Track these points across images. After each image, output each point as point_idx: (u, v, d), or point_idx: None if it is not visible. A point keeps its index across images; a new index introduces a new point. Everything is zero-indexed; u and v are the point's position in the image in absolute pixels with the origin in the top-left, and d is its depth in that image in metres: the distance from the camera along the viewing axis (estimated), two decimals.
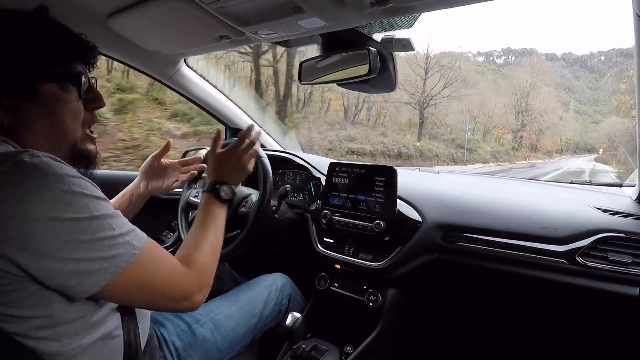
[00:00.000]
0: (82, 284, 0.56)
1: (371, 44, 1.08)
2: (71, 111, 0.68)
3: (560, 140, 52.01)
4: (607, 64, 55.81)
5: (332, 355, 1.17)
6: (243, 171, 0.98)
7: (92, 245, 0.56)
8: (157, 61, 1.45)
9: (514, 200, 1.20)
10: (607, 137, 38.46)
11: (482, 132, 35.63)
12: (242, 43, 1.19)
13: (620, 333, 1.11)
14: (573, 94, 51.21)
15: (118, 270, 0.58)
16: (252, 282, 1.22)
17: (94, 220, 0.57)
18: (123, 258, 0.59)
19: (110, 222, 0.59)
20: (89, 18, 1.10)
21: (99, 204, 0.59)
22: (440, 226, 1.18)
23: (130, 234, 0.62)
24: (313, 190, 1.56)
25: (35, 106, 0.64)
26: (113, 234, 0.59)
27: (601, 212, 1.07)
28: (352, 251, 1.27)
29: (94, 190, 0.60)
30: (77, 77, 0.68)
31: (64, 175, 0.56)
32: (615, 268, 0.94)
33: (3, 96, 0.61)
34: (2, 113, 0.61)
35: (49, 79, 0.65)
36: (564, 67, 57.89)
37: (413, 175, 1.56)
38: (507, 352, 1.42)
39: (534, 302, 1.16)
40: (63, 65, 0.66)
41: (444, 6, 0.86)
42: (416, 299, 1.30)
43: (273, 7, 0.90)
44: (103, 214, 0.59)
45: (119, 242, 0.59)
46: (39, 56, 0.63)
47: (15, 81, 0.62)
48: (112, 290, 0.59)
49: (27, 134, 0.64)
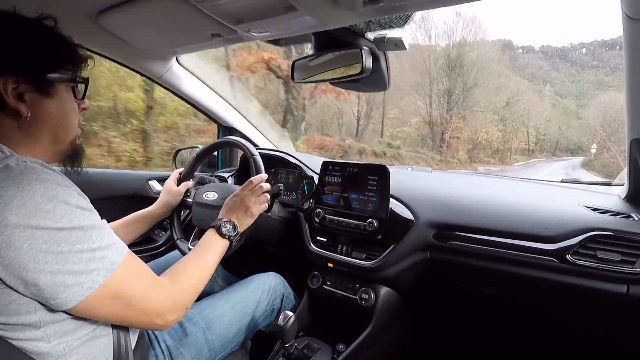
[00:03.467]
0: (56, 297, 0.55)
1: (364, 43, 1.08)
2: (74, 110, 0.74)
3: (527, 136, 33.94)
4: (589, 56, 48.62)
5: (324, 354, 1.17)
6: (250, 216, 1.03)
7: (69, 257, 0.56)
8: (148, 59, 1.44)
9: (505, 199, 1.21)
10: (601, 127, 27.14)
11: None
12: (235, 41, 1.19)
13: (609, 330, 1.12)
14: (552, 87, 43.86)
15: (95, 286, 0.58)
16: (244, 281, 1.22)
17: (74, 232, 0.57)
18: (100, 273, 0.59)
19: (90, 234, 0.59)
20: (78, 15, 1.09)
21: (82, 214, 0.59)
22: (433, 225, 1.19)
23: (110, 248, 0.62)
24: (306, 189, 1.56)
25: (52, 103, 0.69)
26: (92, 247, 0.58)
27: (591, 210, 1.08)
28: (345, 250, 1.27)
29: (78, 199, 0.60)
30: (86, 80, 0.75)
31: (49, 182, 0.56)
32: (604, 266, 0.96)
33: (26, 91, 0.65)
34: (25, 106, 0.64)
35: (63, 80, 0.70)
36: (542, 59, 50.34)
37: (406, 174, 1.56)
38: (499, 350, 1.44)
39: (525, 300, 1.18)
40: (72, 68, 0.72)
41: (436, 5, 0.87)
42: (408, 298, 1.31)
43: (265, 5, 0.90)
44: (84, 225, 0.58)
45: (98, 256, 0.59)
46: (55, 58, 0.69)
47: (40, 78, 0.66)
48: (87, 306, 0.58)
49: (39, 128, 0.68)
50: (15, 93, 0.63)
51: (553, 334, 1.23)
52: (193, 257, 0.84)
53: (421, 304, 1.41)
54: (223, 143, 1.39)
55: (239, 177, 1.72)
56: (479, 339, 1.47)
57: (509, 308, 1.24)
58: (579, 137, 35.93)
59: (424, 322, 1.50)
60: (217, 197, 1.22)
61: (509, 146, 31.49)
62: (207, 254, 0.88)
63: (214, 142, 1.36)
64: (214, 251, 0.90)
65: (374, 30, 1.08)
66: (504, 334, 1.39)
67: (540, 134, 36.81)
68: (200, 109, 1.77)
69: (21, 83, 0.63)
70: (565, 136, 37.97)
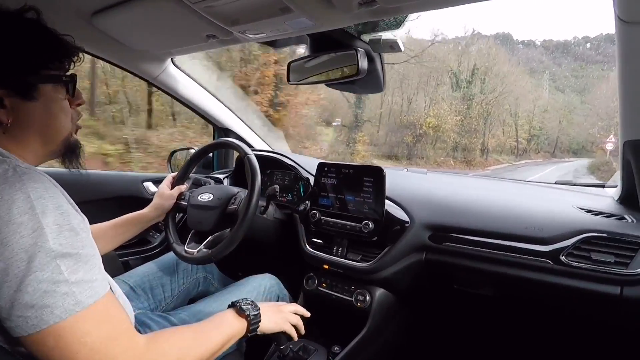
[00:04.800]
0: (3, 320, 0.49)
1: (359, 44, 1.08)
2: (64, 109, 0.70)
3: (516, 129, 25.80)
4: (594, 51, 44.17)
5: (320, 356, 1.17)
6: (279, 312, 0.93)
7: (23, 284, 0.48)
8: (143, 60, 1.43)
9: (500, 201, 1.22)
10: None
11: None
12: (230, 43, 1.19)
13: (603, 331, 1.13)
14: (554, 82, 37.73)
15: (41, 325, 0.49)
16: (240, 282, 1.21)
17: (39, 256, 0.49)
18: (55, 312, 0.49)
19: (60, 262, 0.51)
20: (72, 16, 1.08)
21: (58, 233, 0.52)
22: (428, 226, 1.19)
23: (81, 285, 0.52)
24: (302, 191, 1.55)
25: (35, 106, 0.65)
26: (56, 279, 0.50)
27: (584, 212, 1.09)
28: (341, 251, 1.27)
29: (60, 215, 0.54)
30: (72, 78, 0.70)
31: (33, 192, 0.52)
32: (598, 267, 0.96)
33: (6, 96, 0.62)
34: (4, 113, 0.62)
35: (47, 80, 0.66)
36: (543, 54, 45.87)
37: (401, 176, 1.56)
38: (494, 352, 1.44)
39: (520, 302, 1.18)
40: (57, 66, 0.68)
41: (431, 7, 0.87)
42: (404, 299, 1.31)
43: (261, 7, 0.90)
44: (55, 250, 0.51)
45: (60, 291, 0.50)
46: (37, 57, 0.64)
47: (18, 82, 0.62)
48: (33, 342, 0.50)
49: (25, 133, 0.65)
50: None
51: (547, 335, 1.23)
52: (193, 326, 0.74)
53: (417, 306, 1.41)
54: (218, 144, 1.39)
55: (235, 179, 1.71)
56: (474, 340, 1.47)
57: (504, 309, 1.25)
58: (583, 136, 28.58)
59: (420, 324, 1.50)
60: (213, 197, 1.21)
61: (482, 141, 22.47)
62: (213, 329, 0.74)
63: (209, 143, 1.35)
64: (223, 328, 0.76)
65: (369, 31, 1.08)
66: (499, 335, 1.40)
67: (535, 129, 27.96)
68: (195, 110, 1.77)
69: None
70: (567, 133, 29.39)
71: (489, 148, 23.43)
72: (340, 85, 1.20)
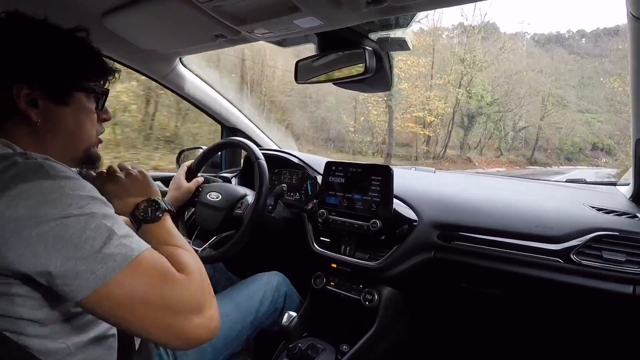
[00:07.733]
0: (69, 284, 0.52)
1: (367, 43, 1.08)
2: (91, 120, 0.74)
3: (497, 132, 21.90)
4: (590, 43, 38.75)
5: (328, 354, 1.17)
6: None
7: (80, 243, 0.52)
8: (152, 60, 1.44)
9: (509, 199, 1.21)
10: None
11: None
12: (238, 42, 1.19)
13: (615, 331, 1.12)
14: (549, 78, 29.11)
15: (110, 273, 0.52)
16: (247, 280, 1.22)
17: (84, 217, 0.54)
18: (117, 260, 0.53)
19: (104, 221, 0.55)
20: (83, 16, 1.09)
21: (92, 202, 0.56)
22: (436, 225, 1.19)
23: (128, 238, 0.57)
24: (309, 190, 1.56)
25: (66, 111, 0.69)
26: (106, 234, 0.54)
27: (596, 210, 1.08)
28: (349, 250, 1.27)
29: (89, 190, 0.58)
30: (105, 92, 0.75)
31: (57, 177, 0.55)
32: (610, 266, 0.95)
33: (40, 97, 0.65)
34: (36, 112, 0.64)
35: (82, 89, 0.71)
36: (533, 46, 38.24)
37: (409, 174, 1.56)
38: (503, 351, 1.43)
39: (530, 301, 1.17)
40: (94, 79, 0.73)
41: (440, 5, 0.87)
42: (412, 298, 1.30)
43: (269, 6, 0.90)
44: (95, 212, 0.55)
45: (114, 243, 0.54)
46: (79, 68, 0.70)
47: (56, 86, 0.67)
48: (101, 298, 0.53)
49: (51, 135, 0.68)
50: (29, 99, 0.63)
51: (557, 334, 1.23)
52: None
53: (425, 304, 1.40)
54: (229, 143, 1.40)
55: (243, 178, 1.72)
56: (482, 339, 1.46)
57: (514, 308, 1.24)
58: (585, 140, 25.08)
59: (427, 322, 1.49)
60: (220, 198, 1.22)
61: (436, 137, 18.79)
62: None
63: (222, 141, 1.36)
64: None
65: (378, 30, 1.08)
66: (506, 334, 1.39)
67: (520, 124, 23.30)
68: (203, 109, 1.78)
69: (36, 89, 0.64)
70: (569, 139, 25.16)
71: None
72: (348, 84, 1.20)
